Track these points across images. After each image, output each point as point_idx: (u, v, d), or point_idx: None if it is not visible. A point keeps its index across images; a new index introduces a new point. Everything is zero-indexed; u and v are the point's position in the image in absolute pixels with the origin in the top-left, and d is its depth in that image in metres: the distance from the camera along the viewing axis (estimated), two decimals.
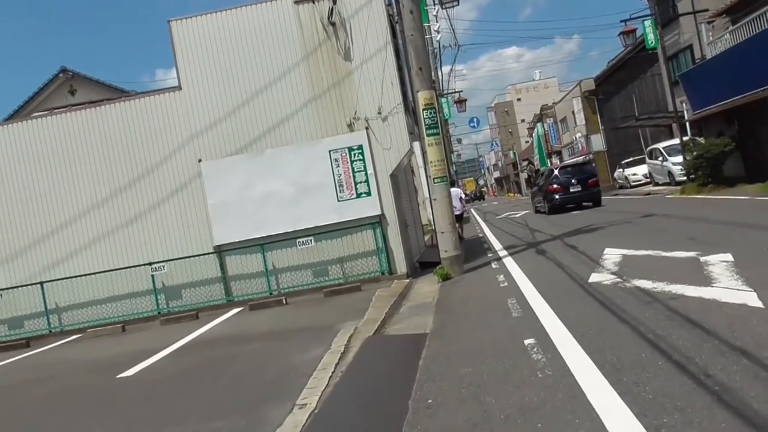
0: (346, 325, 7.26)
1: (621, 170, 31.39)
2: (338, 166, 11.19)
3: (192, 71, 11.46)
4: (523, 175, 76.55)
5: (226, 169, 11.34)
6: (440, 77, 29.59)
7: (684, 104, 20.99)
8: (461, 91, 26.52)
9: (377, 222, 11.15)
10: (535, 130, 53.28)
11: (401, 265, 11.26)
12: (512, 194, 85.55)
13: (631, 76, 34.79)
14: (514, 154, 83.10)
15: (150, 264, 11.26)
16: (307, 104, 11.29)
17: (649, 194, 23.39)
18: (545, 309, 6.10)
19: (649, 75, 34.23)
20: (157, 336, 9.35)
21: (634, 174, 29.67)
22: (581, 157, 38.59)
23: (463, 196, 23.52)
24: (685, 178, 22.19)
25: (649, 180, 27.99)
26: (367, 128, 11.20)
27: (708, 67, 18.10)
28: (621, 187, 31.89)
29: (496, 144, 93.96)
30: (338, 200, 11.18)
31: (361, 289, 10.23)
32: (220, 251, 11.39)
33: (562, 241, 11.98)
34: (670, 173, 23.92)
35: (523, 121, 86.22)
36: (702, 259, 6.95)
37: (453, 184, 33.17)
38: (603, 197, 22.45)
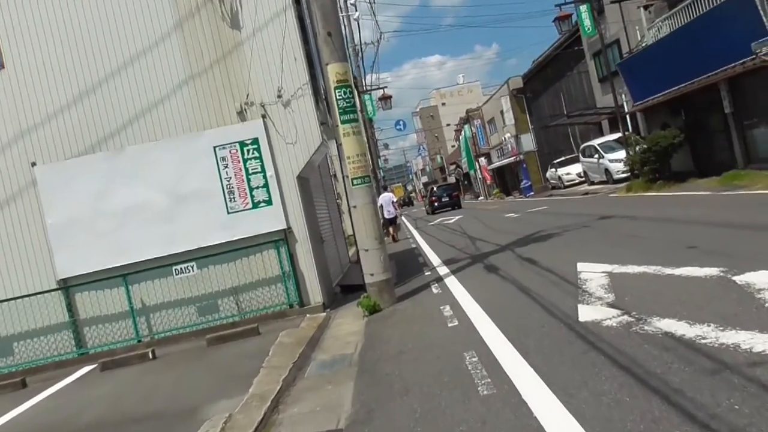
0: (217, 409, 4.61)
1: (553, 170, 30.18)
2: (227, 166, 8.47)
3: (21, 42, 8.43)
4: (451, 179, 75.71)
5: (71, 175, 8.36)
6: (362, 74, 27.27)
7: (623, 96, 19.59)
8: (385, 87, 24.28)
9: (282, 239, 8.51)
10: (462, 132, 52.03)
11: (315, 294, 8.66)
12: None
13: (558, 74, 33.79)
14: (442, 158, 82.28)
15: None
16: (183, 86, 8.51)
17: (587, 194, 21.97)
18: (531, 380, 3.70)
19: (576, 72, 33.29)
20: None
21: (568, 173, 28.46)
22: (512, 160, 37.46)
23: (395, 200, 22.12)
24: (624, 175, 20.90)
25: (583, 179, 26.80)
26: (263, 116, 8.56)
27: (649, 54, 16.67)
28: (554, 188, 30.70)
29: (423, 149, 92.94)
30: (228, 212, 8.45)
31: (258, 331, 7.53)
32: (67, 287, 8.38)
33: (513, 253, 9.77)
34: (607, 171, 22.61)
35: (448, 125, 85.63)
36: (738, 280, 4.80)
37: (385, 188, 31.31)
38: (537, 198, 26.12)
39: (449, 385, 4.02)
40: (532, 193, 32.90)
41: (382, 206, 20.04)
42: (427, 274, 9.97)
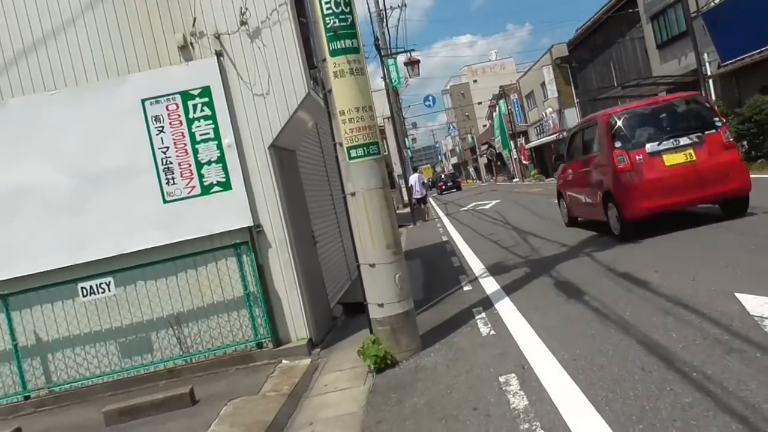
0: None
1: None
2: (162, 130, 5.51)
3: None
4: (483, 160, 72.00)
5: None
6: (387, 39, 23.93)
7: (706, 56, 15.96)
8: (412, 49, 20.92)
9: (245, 242, 5.55)
10: (497, 109, 48.25)
11: (298, 326, 5.69)
12: (471, 180, 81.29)
13: (608, 41, 29.98)
14: (472, 137, 78.47)
15: None
16: (94, 5, 5.55)
17: None
18: None
19: (628, 39, 29.51)
20: None
21: None
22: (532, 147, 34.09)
23: (425, 180, 22.83)
24: None
25: None
26: (219, 54, 5.56)
27: (746, 1, 13.13)
28: None
29: (453, 128, 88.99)
30: (165, 200, 5.51)
31: (193, 399, 4.57)
32: None
33: (593, 260, 6.67)
34: None
35: (479, 103, 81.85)
36: None
37: (415, 170, 28.50)
38: None
39: None
40: None
41: (412, 186, 20.85)
42: (466, 289, 6.92)
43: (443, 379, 4.06)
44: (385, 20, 25.45)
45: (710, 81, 15.83)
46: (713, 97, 15.71)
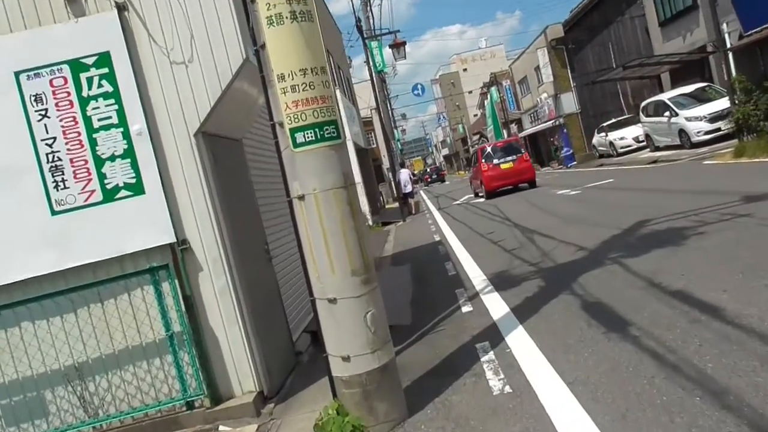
0: None
1: (603, 135, 25.11)
2: (46, 114, 4.01)
3: None
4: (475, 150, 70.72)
5: None
6: (372, 20, 22.30)
7: (725, 26, 14.42)
8: (398, 30, 19.38)
9: (165, 265, 4.07)
10: (489, 96, 46.70)
11: (243, 374, 4.23)
12: (463, 172, 79.93)
13: (606, 20, 28.52)
14: (464, 127, 77.03)
15: None
16: None
17: (656, 162, 17.08)
18: None
19: (628, 17, 28.11)
20: None
21: (622, 138, 23.41)
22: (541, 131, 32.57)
23: (412, 176, 23.02)
24: (707, 137, 16.08)
25: (643, 144, 21.81)
26: (121, 7, 4.05)
27: None
28: (602, 156, 25.71)
29: (444, 118, 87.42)
30: (54, 211, 4.02)
31: None
32: None
33: (625, 270, 5.24)
34: (682, 132, 17.65)
35: (470, 92, 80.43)
36: None
37: (402, 165, 27.55)
38: (584, 169, 22.53)
39: None
40: (575, 162, 27.93)
41: (400, 182, 20.87)
42: (465, 309, 5.48)
43: None
44: (368, 2, 23.86)
45: (730, 54, 14.18)
46: (733, 72, 14.13)
